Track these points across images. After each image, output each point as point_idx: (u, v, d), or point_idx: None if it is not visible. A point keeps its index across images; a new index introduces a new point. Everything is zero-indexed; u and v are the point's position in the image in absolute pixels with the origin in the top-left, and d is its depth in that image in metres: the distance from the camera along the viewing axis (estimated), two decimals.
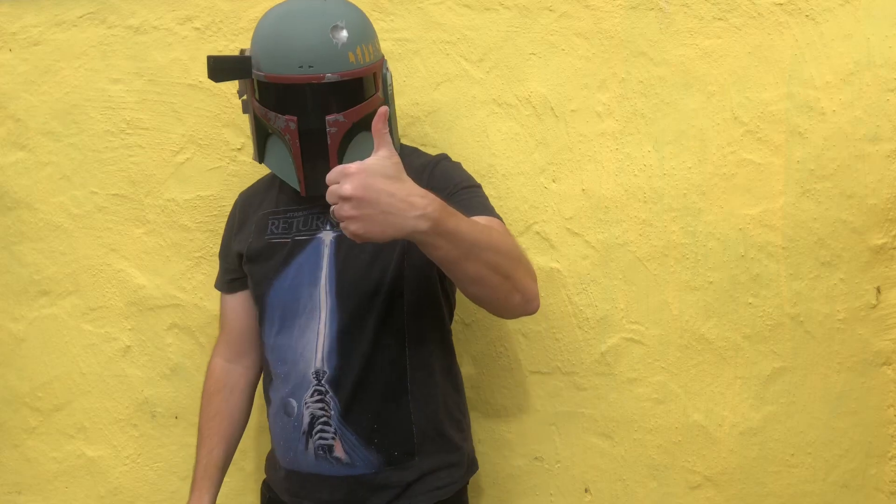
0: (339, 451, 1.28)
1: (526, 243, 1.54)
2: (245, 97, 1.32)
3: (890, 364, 1.53)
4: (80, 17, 1.60)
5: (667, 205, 1.50)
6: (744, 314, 1.52)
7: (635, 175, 1.50)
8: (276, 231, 1.35)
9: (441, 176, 1.32)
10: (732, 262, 1.51)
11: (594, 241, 1.53)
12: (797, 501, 1.56)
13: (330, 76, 1.21)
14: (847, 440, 1.55)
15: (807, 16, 1.43)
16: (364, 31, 1.27)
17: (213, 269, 1.65)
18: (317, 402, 1.29)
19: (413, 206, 1.00)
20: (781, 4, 1.43)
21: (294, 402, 1.30)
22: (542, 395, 1.59)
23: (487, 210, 1.27)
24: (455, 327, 1.54)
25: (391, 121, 1.32)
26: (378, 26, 1.50)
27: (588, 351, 1.56)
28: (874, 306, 1.51)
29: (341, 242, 1.30)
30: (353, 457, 1.28)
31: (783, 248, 1.50)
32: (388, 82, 1.33)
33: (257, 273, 1.35)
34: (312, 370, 1.29)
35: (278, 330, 1.32)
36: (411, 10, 1.51)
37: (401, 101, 1.54)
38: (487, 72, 1.51)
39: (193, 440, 1.71)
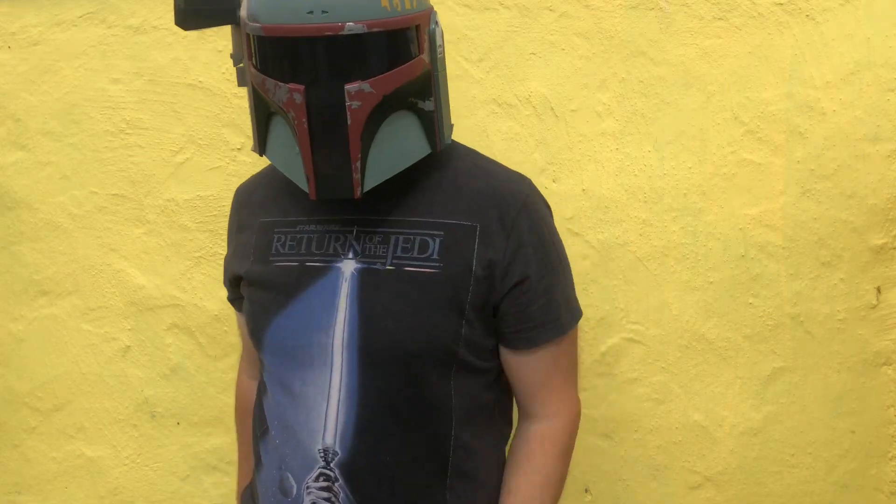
0: None
1: None
2: (242, 64, 1.01)
3: (890, 364, 1.53)
4: (80, 16, 1.60)
5: (667, 205, 1.50)
6: (744, 314, 1.52)
7: (635, 175, 1.50)
8: (281, 250, 1.05)
9: (529, 237, 1.03)
10: (732, 262, 1.51)
11: (594, 241, 1.52)
12: (797, 501, 1.56)
13: (352, 26, 0.89)
14: (847, 440, 1.55)
15: (807, 16, 1.43)
16: None
17: (212, 269, 1.65)
18: (322, 488, 0.99)
19: None
20: (781, 4, 1.43)
21: (293, 482, 1.01)
22: None
23: (561, 321, 1.06)
24: None
25: (440, 100, 1.01)
26: None
27: (588, 351, 1.56)
28: (874, 306, 1.51)
29: (367, 278, 1.00)
30: None
31: (783, 248, 1.50)
32: (438, 42, 0.99)
33: (255, 302, 1.06)
34: (319, 447, 0.99)
35: (278, 380, 1.04)
36: None
37: None
38: (487, 72, 1.51)
39: (193, 440, 1.72)
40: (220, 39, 1.58)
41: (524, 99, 1.51)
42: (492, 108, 1.52)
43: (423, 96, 0.99)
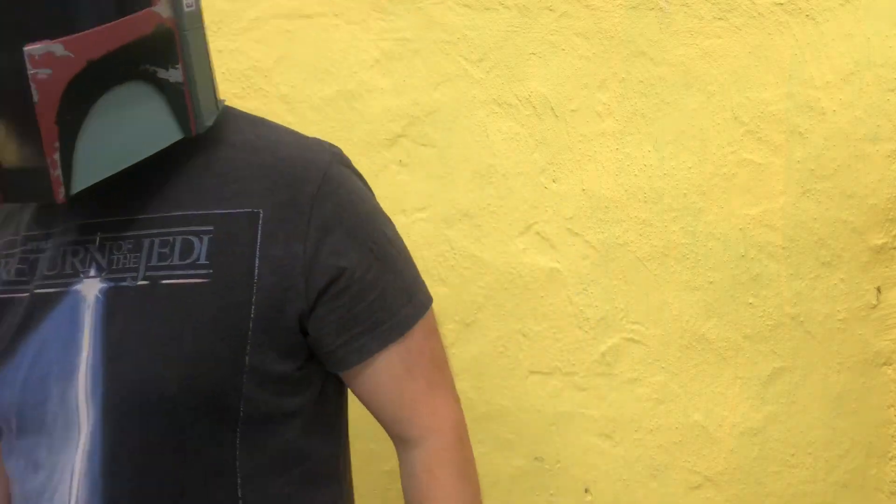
0: None
1: (526, 243, 1.54)
2: None
3: (890, 364, 1.53)
4: None
5: (667, 205, 1.50)
6: (744, 314, 1.52)
7: (635, 175, 1.50)
8: (6, 277, 0.80)
9: (337, 219, 0.79)
10: (733, 262, 1.51)
11: (594, 241, 1.53)
12: (797, 501, 1.56)
13: None
14: (847, 440, 1.55)
15: (807, 16, 1.43)
16: None
17: None
18: None
19: None
20: (781, 4, 1.44)
21: None
22: (542, 395, 1.59)
23: (401, 314, 0.83)
24: (455, 327, 1.54)
25: (192, 68, 0.77)
26: (378, 26, 1.51)
27: (588, 351, 1.56)
28: (874, 306, 1.51)
29: (114, 301, 0.75)
30: None
31: (783, 248, 1.50)
32: None
33: None
34: None
35: (19, 452, 0.79)
36: (411, 10, 1.51)
37: (401, 102, 1.53)
38: (487, 72, 1.51)
39: None
40: (219, 40, 1.58)
41: (524, 99, 1.51)
42: (492, 108, 1.52)
43: (165, 63, 0.75)
